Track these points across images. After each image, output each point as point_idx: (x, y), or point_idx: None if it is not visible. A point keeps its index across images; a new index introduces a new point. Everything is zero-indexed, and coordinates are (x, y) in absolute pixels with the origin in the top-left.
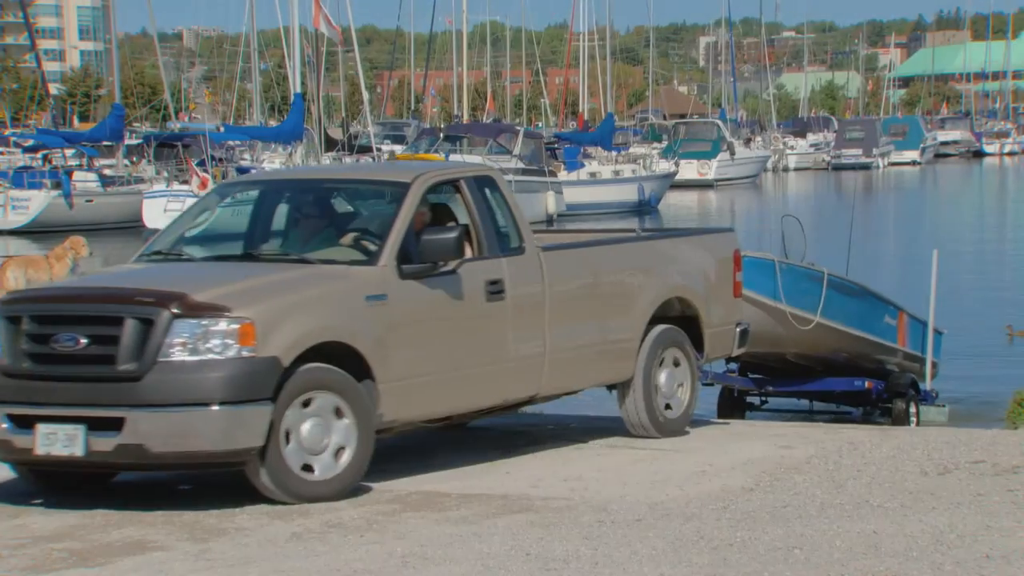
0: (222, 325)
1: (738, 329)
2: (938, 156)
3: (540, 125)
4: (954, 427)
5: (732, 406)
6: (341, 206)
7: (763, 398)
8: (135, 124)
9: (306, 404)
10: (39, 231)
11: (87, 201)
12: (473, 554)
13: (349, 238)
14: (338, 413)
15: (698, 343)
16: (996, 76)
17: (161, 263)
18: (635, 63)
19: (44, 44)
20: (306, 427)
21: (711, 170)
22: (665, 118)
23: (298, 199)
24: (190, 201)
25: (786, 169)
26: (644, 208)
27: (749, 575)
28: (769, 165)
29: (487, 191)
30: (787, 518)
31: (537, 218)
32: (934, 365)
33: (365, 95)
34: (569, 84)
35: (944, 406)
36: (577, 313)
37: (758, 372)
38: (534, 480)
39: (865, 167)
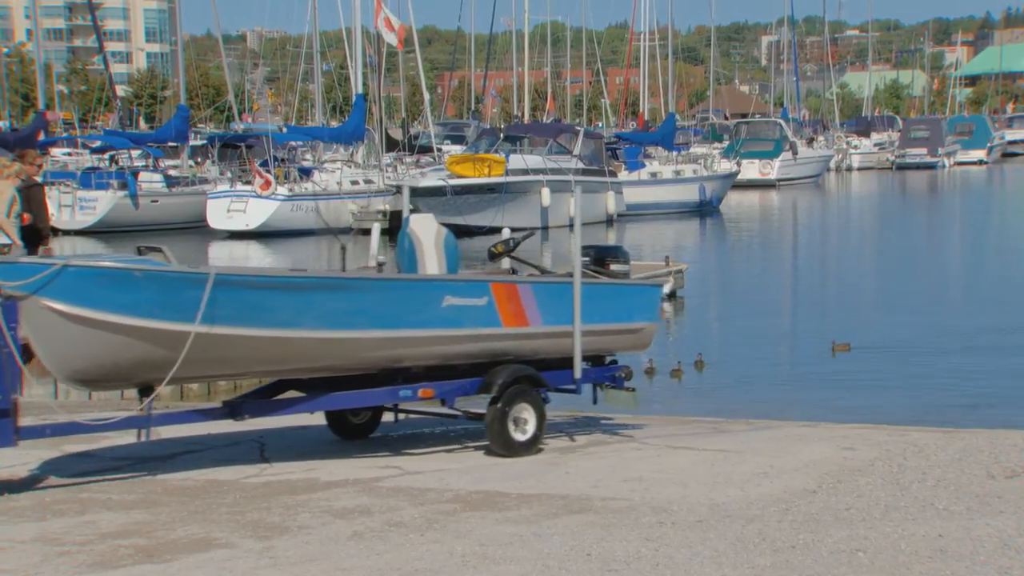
0: None
1: None
2: (1005, 156)
3: (600, 125)
4: (1021, 430)
5: (342, 426)
6: None
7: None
8: (199, 125)
9: None
10: (106, 231)
11: (152, 202)
12: (533, 554)
13: None
14: None
15: None
16: None
17: None
18: (696, 63)
19: (111, 46)
20: None
21: (773, 170)
22: (727, 118)
23: None
24: (253, 201)
25: (849, 169)
26: (705, 208)
27: None
28: (832, 165)
29: None
30: (851, 521)
31: (598, 218)
32: (633, 332)
33: (426, 95)
34: (630, 84)
35: (633, 389)
36: None
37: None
38: (594, 480)
39: (930, 167)
